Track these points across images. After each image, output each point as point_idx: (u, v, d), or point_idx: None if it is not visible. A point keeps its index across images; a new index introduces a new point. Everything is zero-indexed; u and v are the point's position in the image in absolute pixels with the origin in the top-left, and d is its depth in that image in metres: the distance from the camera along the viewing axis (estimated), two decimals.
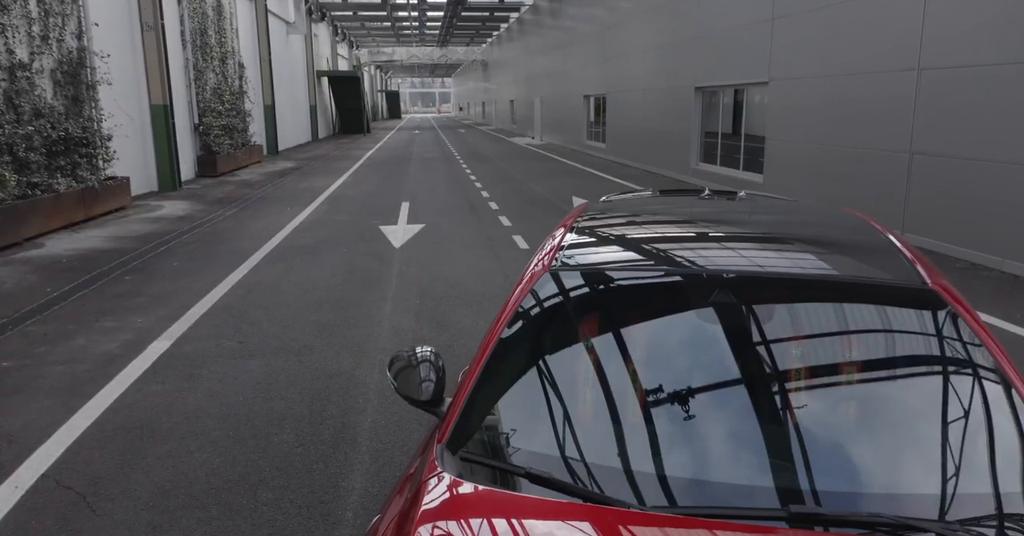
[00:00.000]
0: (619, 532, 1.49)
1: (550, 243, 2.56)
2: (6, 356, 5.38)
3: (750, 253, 2.41)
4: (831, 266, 2.31)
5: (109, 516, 3.26)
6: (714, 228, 2.77)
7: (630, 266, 2.35)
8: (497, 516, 1.58)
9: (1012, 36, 7.45)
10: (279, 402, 4.49)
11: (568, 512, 1.56)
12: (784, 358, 1.92)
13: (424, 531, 1.53)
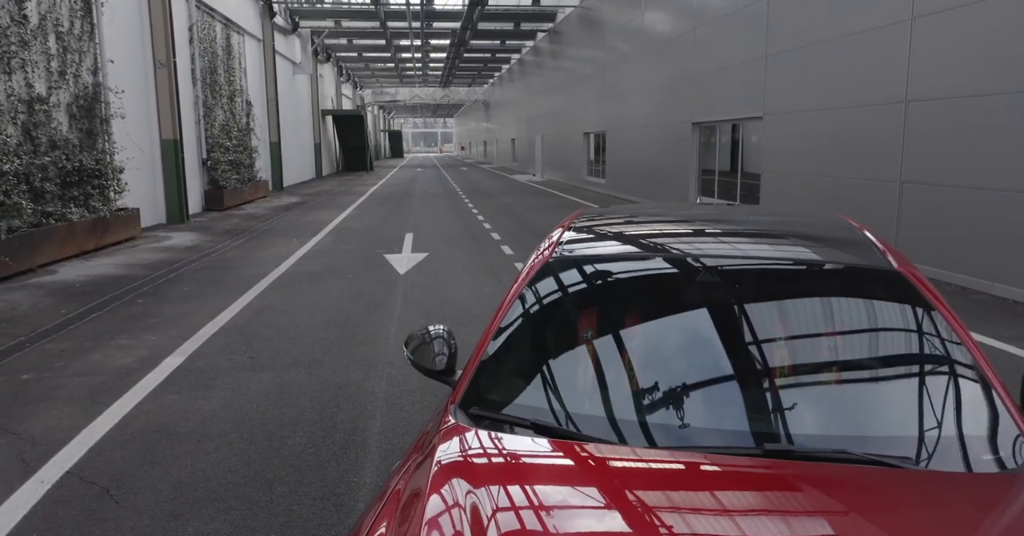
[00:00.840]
0: (609, 464, 1.69)
1: (550, 240, 2.78)
2: (25, 370, 5.56)
3: (734, 243, 2.64)
4: (808, 252, 2.53)
5: (132, 507, 3.42)
6: (702, 225, 2.99)
7: (623, 255, 2.58)
8: (502, 454, 1.78)
9: (992, 69, 7.78)
10: (291, 409, 4.66)
11: (563, 450, 1.76)
12: (761, 326, 2.14)
13: (439, 468, 1.72)
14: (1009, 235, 7.70)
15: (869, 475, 1.62)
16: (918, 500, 1.56)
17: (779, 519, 1.46)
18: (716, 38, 15.01)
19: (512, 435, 1.85)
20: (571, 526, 1.50)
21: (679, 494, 1.58)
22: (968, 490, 1.61)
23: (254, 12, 24.07)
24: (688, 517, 1.48)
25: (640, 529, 1.44)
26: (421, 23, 30.43)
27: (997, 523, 1.50)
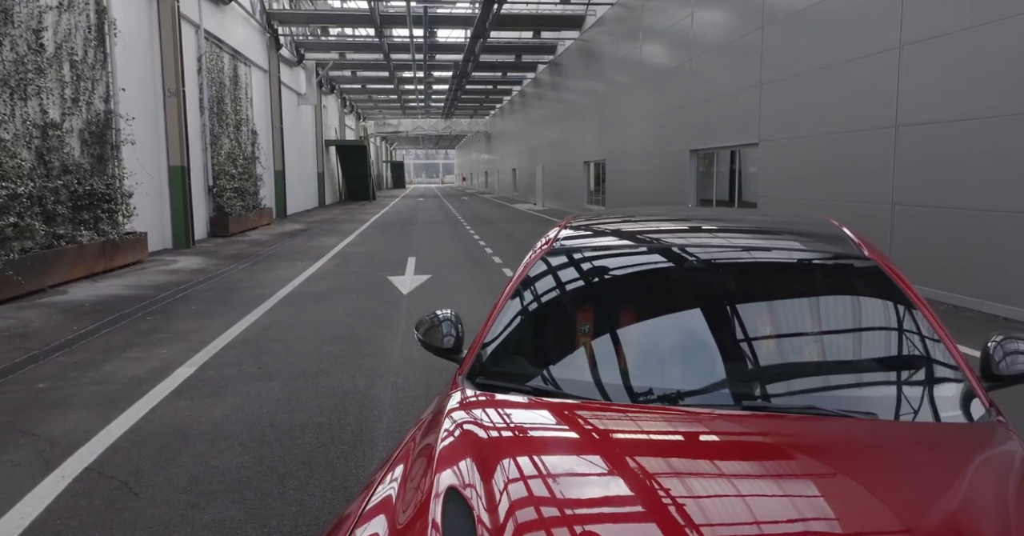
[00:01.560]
0: (594, 416, 1.88)
1: (548, 237, 2.98)
2: (40, 380, 5.73)
3: (722, 235, 2.85)
4: (789, 242, 2.74)
5: (150, 498, 3.58)
6: (694, 223, 3.21)
7: (617, 245, 2.79)
8: (503, 411, 1.97)
9: (976, 94, 8.05)
10: (300, 413, 4.83)
11: (555, 408, 1.95)
12: (742, 304, 2.33)
13: (449, 422, 1.91)
14: (996, 254, 7.91)
15: (838, 424, 1.81)
16: (880, 443, 1.75)
17: (752, 460, 1.64)
18: (712, 68, 15.38)
19: (511, 396, 2.04)
20: (559, 463, 1.69)
21: (659, 439, 1.76)
22: (922, 436, 1.81)
23: (261, 44, 24.60)
24: (670, 460, 1.67)
25: (618, 465, 1.63)
26: (424, 55, 31.03)
27: (949, 458, 1.69)
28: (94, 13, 12.40)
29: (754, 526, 1.37)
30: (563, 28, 27.96)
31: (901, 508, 1.44)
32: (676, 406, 1.94)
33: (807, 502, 1.49)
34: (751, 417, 1.85)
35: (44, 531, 3.26)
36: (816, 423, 1.82)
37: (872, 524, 1.39)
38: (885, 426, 1.86)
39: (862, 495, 1.50)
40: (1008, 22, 7.66)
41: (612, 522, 1.45)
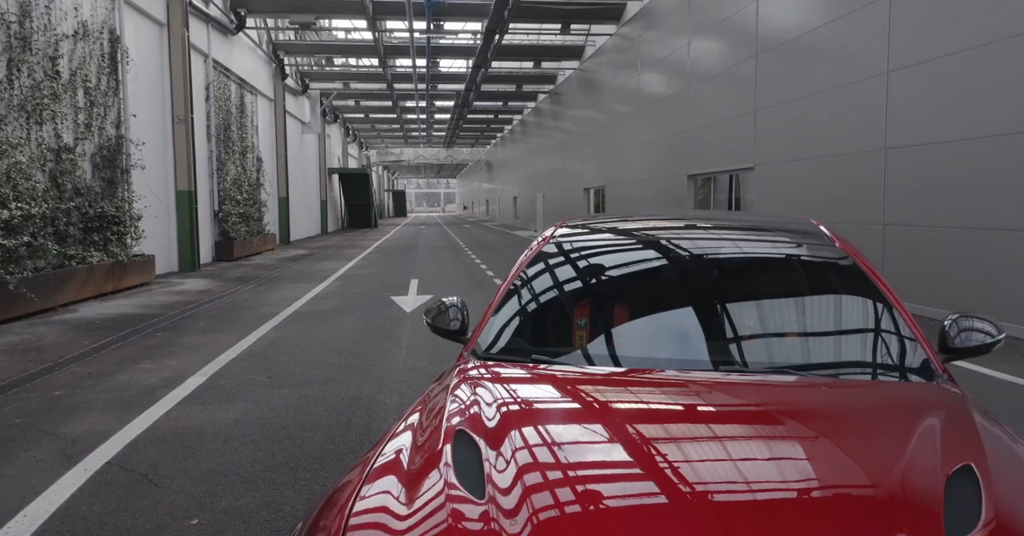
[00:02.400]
0: (590, 382, 2.10)
1: (546, 233, 3.22)
2: (57, 388, 5.93)
3: (706, 229, 3.09)
4: (769, 234, 2.99)
5: (169, 488, 3.76)
6: (683, 221, 3.45)
7: (607, 238, 3.04)
8: (504, 375, 2.19)
9: (960, 117, 8.35)
10: (309, 416, 5.02)
11: (550, 373, 2.17)
12: (724, 285, 2.57)
13: (458, 382, 2.13)
14: (982, 270, 8.13)
15: (805, 380, 2.03)
16: (847, 398, 1.98)
17: (727, 408, 1.86)
18: (708, 95, 15.76)
19: (513, 367, 2.26)
20: (555, 415, 1.93)
21: (641, 395, 1.98)
22: (882, 393, 2.03)
23: (267, 74, 25.11)
24: (648, 411, 1.89)
25: (604, 415, 1.85)
26: (427, 85, 31.58)
27: (904, 408, 1.91)
28: (108, 42, 12.79)
29: (728, 464, 1.58)
30: (563, 58, 28.52)
31: (861, 450, 1.66)
32: (657, 370, 2.16)
33: (780, 445, 1.70)
34: (725, 377, 2.07)
35: (71, 515, 3.44)
36: (790, 383, 2.05)
37: (837, 464, 1.61)
38: (851, 385, 2.09)
39: (831, 442, 1.71)
40: (990, 47, 7.97)
41: (595, 454, 1.68)
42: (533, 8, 20.49)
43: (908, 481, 1.48)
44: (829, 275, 2.64)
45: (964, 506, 1.41)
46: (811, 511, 1.42)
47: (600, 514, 1.42)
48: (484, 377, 2.17)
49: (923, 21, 9.01)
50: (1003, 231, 7.91)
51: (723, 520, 1.37)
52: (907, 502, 1.42)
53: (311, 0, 21.16)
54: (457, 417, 1.88)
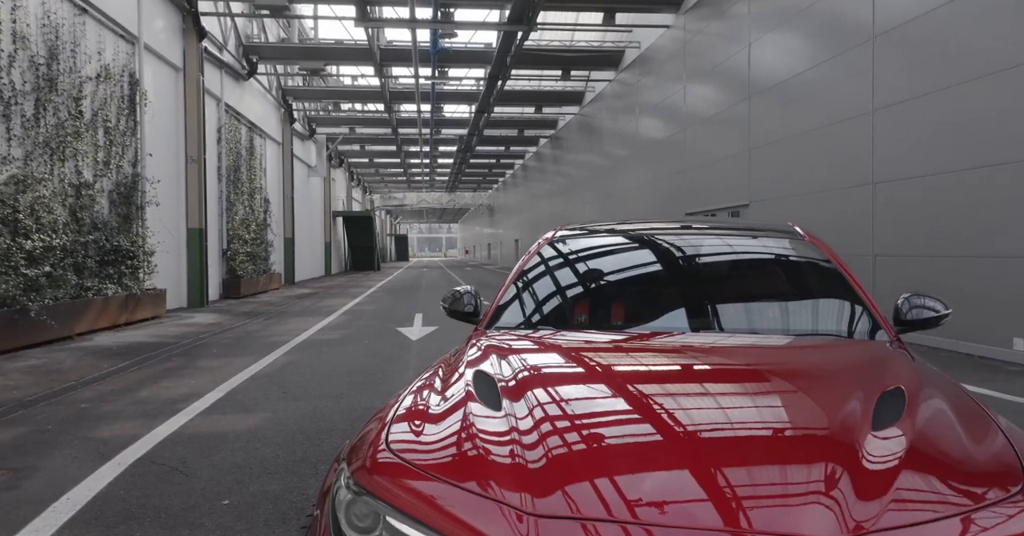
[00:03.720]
0: (587, 342, 2.45)
1: (547, 234, 3.58)
2: (82, 402, 6.22)
3: (693, 228, 3.46)
4: (748, 231, 3.35)
5: (200, 477, 4.05)
6: (670, 222, 3.83)
7: (601, 235, 3.41)
8: (512, 339, 2.53)
9: (940, 151, 8.79)
10: (325, 423, 5.31)
11: (556, 337, 2.52)
12: (707, 269, 2.93)
13: (473, 344, 2.47)
14: (967, 296, 8.46)
15: (773, 340, 2.38)
16: (803, 350, 2.33)
17: (705, 358, 2.20)
18: (703, 137, 16.31)
19: (520, 334, 2.61)
20: (557, 362, 2.28)
21: (633, 348, 2.33)
22: (835, 348, 2.38)
23: (276, 118, 25.84)
24: (639, 356, 2.22)
25: (600, 363, 2.19)
26: (431, 129, 32.36)
27: (856, 357, 2.26)
28: (128, 84, 13.37)
29: (707, 398, 1.92)
30: (564, 103, 29.31)
31: (815, 385, 2.00)
32: (646, 335, 2.51)
33: (748, 386, 2.04)
34: (706, 342, 2.42)
35: (110, 497, 3.73)
36: (761, 343, 2.40)
37: (794, 397, 1.95)
38: (813, 343, 2.46)
39: (790, 383, 2.04)
40: (966, 86, 8.45)
41: (591, 384, 2.02)
42: (534, 55, 21.26)
43: (849, 395, 1.82)
44: (800, 262, 3.02)
45: (892, 408, 1.75)
46: (770, 431, 1.75)
47: (595, 417, 1.75)
48: (497, 339, 2.52)
49: (903, 63, 9.52)
50: (981, 259, 8.27)
51: (689, 434, 1.71)
52: (846, 408, 1.75)
53: (321, 48, 21.96)
54: (475, 362, 2.22)
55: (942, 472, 1.58)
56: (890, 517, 1.38)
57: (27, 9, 10.27)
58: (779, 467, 1.55)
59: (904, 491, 1.46)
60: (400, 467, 1.69)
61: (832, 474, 1.50)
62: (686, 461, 1.57)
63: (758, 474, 1.53)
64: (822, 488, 1.46)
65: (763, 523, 1.36)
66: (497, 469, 1.60)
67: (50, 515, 3.50)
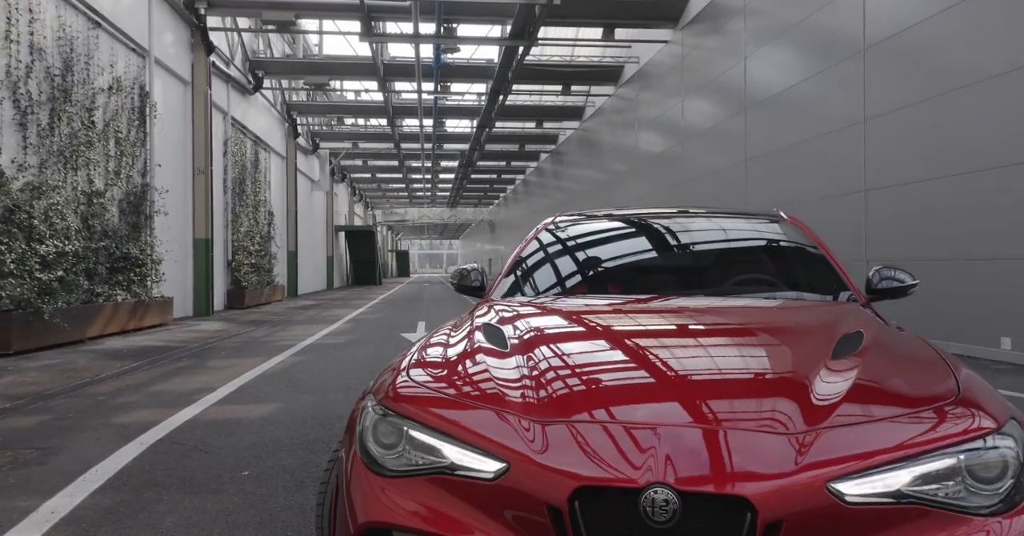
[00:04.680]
0: (584, 304, 2.70)
1: (546, 220, 3.83)
2: (99, 395, 6.44)
3: (684, 212, 3.72)
4: (738, 213, 3.61)
5: (218, 454, 4.28)
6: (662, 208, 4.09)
7: (596, 220, 3.67)
8: (515, 304, 2.78)
9: (930, 161, 9.07)
10: (335, 410, 5.54)
11: (556, 301, 2.76)
12: (696, 243, 3.18)
13: (480, 308, 2.71)
14: (956, 298, 8.70)
15: (753, 301, 2.63)
16: (780, 309, 2.58)
17: (692, 316, 2.44)
18: (701, 149, 16.62)
19: (524, 300, 2.86)
20: (558, 320, 2.52)
21: (625, 308, 2.57)
22: (809, 307, 2.63)
23: (280, 132, 26.21)
24: (635, 316, 2.47)
25: (596, 321, 2.43)
26: (432, 144, 32.73)
27: (823, 312, 2.50)
28: (138, 97, 13.69)
29: (689, 341, 2.17)
30: (564, 118, 29.68)
31: (788, 333, 2.24)
32: (634, 295, 2.76)
33: (727, 337, 2.28)
34: (694, 304, 2.67)
35: (137, 469, 3.95)
36: (740, 304, 2.65)
37: (768, 341, 2.19)
38: (789, 304, 2.71)
39: (768, 334, 2.29)
40: (952, 94, 8.74)
41: (587, 330, 2.27)
42: (535, 70, 21.63)
43: (814, 336, 2.07)
44: (782, 239, 3.28)
45: (850, 344, 1.99)
46: (743, 359, 2.00)
47: (591, 357, 2.00)
48: (502, 304, 2.76)
49: (892, 74, 9.82)
50: (969, 262, 8.52)
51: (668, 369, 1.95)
52: (810, 343, 2.00)
53: (326, 63, 22.35)
54: (482, 318, 2.47)
55: (888, 387, 1.82)
56: (838, 418, 1.62)
57: (44, 22, 10.61)
58: (747, 385, 1.81)
59: (852, 401, 1.70)
60: (420, 393, 1.93)
61: (792, 387, 1.74)
62: (668, 386, 1.82)
63: (729, 389, 1.78)
64: (783, 394, 1.71)
65: (730, 419, 1.61)
66: (506, 394, 1.84)
67: (81, 483, 3.72)
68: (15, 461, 4.17)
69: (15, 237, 9.44)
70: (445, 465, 1.72)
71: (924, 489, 1.53)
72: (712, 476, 1.49)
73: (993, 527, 1.50)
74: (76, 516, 3.24)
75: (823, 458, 1.53)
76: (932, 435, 1.59)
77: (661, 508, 1.45)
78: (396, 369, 2.15)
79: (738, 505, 1.46)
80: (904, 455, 1.55)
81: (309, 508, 3.33)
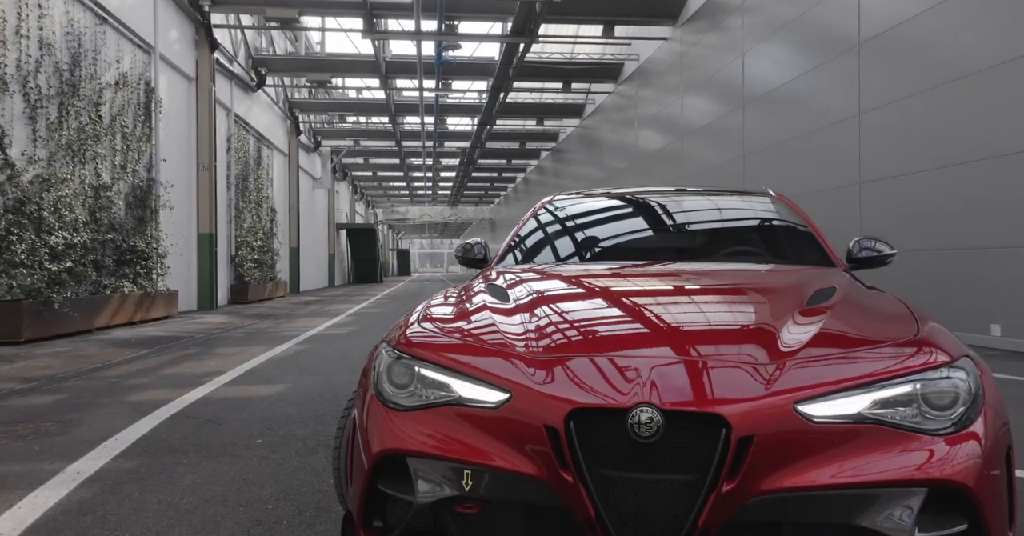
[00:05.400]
0: (582, 270, 2.88)
1: (545, 199, 4.02)
2: (111, 377, 6.63)
3: (677, 190, 3.91)
4: (727, 193, 3.80)
5: (231, 425, 4.46)
6: (658, 187, 4.28)
7: (594, 200, 3.86)
8: (518, 269, 2.97)
9: (922, 153, 9.24)
10: (342, 389, 5.73)
11: (556, 267, 2.95)
12: (685, 215, 3.37)
13: (485, 274, 2.89)
14: (948, 287, 8.88)
15: (741, 266, 2.82)
16: (765, 272, 2.77)
17: (681, 277, 2.63)
18: (700, 145, 16.80)
19: (525, 267, 3.04)
20: (558, 284, 2.69)
21: (619, 272, 2.76)
22: (794, 269, 2.82)
23: (283, 129, 26.39)
24: (631, 279, 2.65)
25: (589, 279, 2.62)
26: (434, 142, 32.91)
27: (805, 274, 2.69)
28: (143, 92, 13.88)
29: (678, 297, 2.35)
30: (564, 116, 29.86)
31: (771, 289, 2.43)
32: (628, 261, 2.95)
33: (718, 293, 2.46)
34: (680, 265, 2.86)
35: (155, 438, 4.14)
36: (730, 268, 2.84)
37: (753, 295, 2.37)
38: (775, 269, 2.89)
39: (755, 291, 2.47)
40: (944, 88, 8.92)
41: (583, 290, 2.46)
42: (536, 67, 21.80)
43: (791, 290, 2.25)
44: (770, 214, 3.47)
45: (823, 296, 2.18)
46: (727, 306, 2.18)
47: (588, 309, 2.19)
48: (506, 270, 2.95)
49: (886, 68, 10.00)
50: (960, 251, 8.70)
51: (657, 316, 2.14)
52: (786, 295, 2.18)
53: (328, 60, 22.52)
54: (486, 280, 2.66)
55: (854, 328, 2.02)
56: (807, 352, 1.82)
57: (53, 17, 10.79)
58: (727, 330, 1.99)
59: (820, 340, 1.90)
60: (430, 339, 2.12)
61: (767, 329, 1.94)
62: (658, 333, 2.01)
63: (711, 333, 1.97)
64: (759, 334, 1.90)
65: (710, 356, 1.80)
66: (510, 341, 2.03)
67: (102, 450, 3.90)
68: (37, 432, 4.35)
69: (25, 228, 9.62)
70: (453, 399, 1.90)
71: (882, 412, 1.71)
72: (692, 399, 1.67)
73: (940, 446, 1.68)
74: (101, 476, 3.42)
75: (792, 386, 1.71)
76: (891, 366, 1.78)
77: (646, 425, 1.64)
78: (406, 323, 2.32)
79: (715, 422, 1.64)
80: (865, 382, 1.73)
81: (322, 468, 3.52)
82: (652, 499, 1.66)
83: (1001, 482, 1.75)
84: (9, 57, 9.71)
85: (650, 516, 1.66)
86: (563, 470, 1.68)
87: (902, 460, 1.65)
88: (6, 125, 9.57)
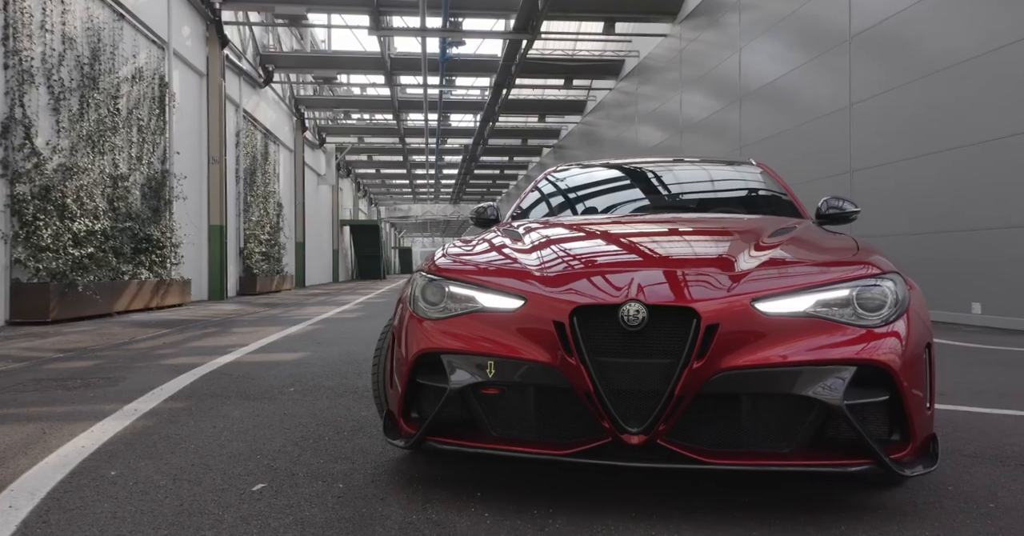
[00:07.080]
0: (585, 219, 3.31)
1: (547, 170, 4.45)
2: (142, 349, 7.06)
3: (670, 159, 4.34)
4: (719, 161, 4.24)
5: (263, 380, 4.89)
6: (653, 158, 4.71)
7: (593, 168, 4.29)
8: (532, 222, 3.39)
9: (907, 141, 9.66)
10: (360, 355, 6.16)
11: (565, 218, 3.38)
12: (675, 178, 3.80)
13: (498, 226, 3.32)
14: (933, 268, 9.30)
15: (720, 214, 3.25)
16: (739, 218, 3.19)
17: (669, 222, 3.07)
18: (699, 139, 17.22)
19: (534, 219, 3.48)
20: (563, 231, 3.11)
21: (619, 218, 3.19)
22: (765, 218, 3.25)
23: (289, 126, 26.83)
24: (628, 224, 3.09)
25: (592, 224, 3.05)
26: (437, 139, 33.34)
27: (774, 221, 3.12)
28: (158, 86, 14.31)
29: (661, 235, 2.78)
30: (566, 113, 30.28)
31: (741, 230, 2.86)
32: (623, 214, 3.38)
33: (695, 233, 2.90)
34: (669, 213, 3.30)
35: (196, 389, 4.57)
36: (712, 216, 3.28)
37: (726, 234, 2.80)
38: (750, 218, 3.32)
39: (732, 232, 2.90)
40: (929, 78, 9.34)
41: (587, 232, 2.88)
42: (538, 64, 22.23)
43: (755, 229, 2.69)
44: (751, 178, 3.90)
45: (785, 230, 2.61)
46: (704, 249, 2.62)
47: (590, 244, 2.62)
48: (516, 223, 3.38)
49: (875, 60, 10.42)
50: (943, 234, 9.12)
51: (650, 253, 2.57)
52: (751, 230, 2.62)
53: (334, 57, 22.96)
54: (500, 227, 3.08)
55: (805, 251, 2.46)
56: (764, 267, 2.25)
57: (74, 13, 11.23)
58: (704, 256, 2.44)
59: (776, 259, 2.34)
60: (457, 265, 2.55)
61: (735, 249, 2.38)
62: (648, 258, 2.45)
63: (691, 258, 2.41)
64: (728, 253, 2.35)
65: (687, 269, 2.24)
66: (527, 268, 2.46)
67: (151, 396, 4.34)
68: (87, 385, 4.78)
69: (51, 215, 10.06)
70: (478, 308, 2.34)
71: (824, 310, 2.14)
72: (672, 297, 2.11)
73: (868, 336, 2.12)
74: (156, 412, 3.86)
75: (750, 290, 2.15)
76: (833, 275, 2.22)
77: (634, 316, 2.07)
78: (433, 257, 2.75)
79: (688, 314, 2.08)
80: (811, 286, 2.17)
81: (352, 406, 3.95)
82: (638, 377, 2.09)
83: (919, 367, 2.18)
84: (35, 50, 10.15)
85: (636, 390, 2.09)
86: (568, 356, 2.12)
87: (837, 346, 2.09)
88: (32, 116, 10.01)
